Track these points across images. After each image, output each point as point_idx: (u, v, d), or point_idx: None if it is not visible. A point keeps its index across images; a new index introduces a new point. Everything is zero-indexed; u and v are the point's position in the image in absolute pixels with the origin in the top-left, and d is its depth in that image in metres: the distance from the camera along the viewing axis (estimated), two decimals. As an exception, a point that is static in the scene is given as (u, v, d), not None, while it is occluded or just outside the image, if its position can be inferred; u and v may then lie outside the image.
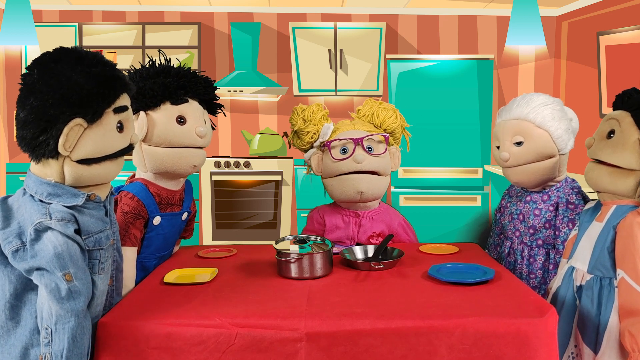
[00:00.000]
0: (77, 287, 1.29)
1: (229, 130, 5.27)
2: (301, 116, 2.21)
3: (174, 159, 1.86)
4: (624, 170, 1.55)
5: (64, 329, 1.26)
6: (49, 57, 1.33)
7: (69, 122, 1.30)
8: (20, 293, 1.35)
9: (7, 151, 5.08)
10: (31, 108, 1.29)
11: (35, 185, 1.35)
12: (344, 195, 2.13)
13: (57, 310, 1.26)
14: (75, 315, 1.28)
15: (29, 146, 1.32)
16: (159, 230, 1.88)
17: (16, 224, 1.32)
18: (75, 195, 1.36)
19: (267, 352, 1.36)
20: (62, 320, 1.26)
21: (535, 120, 1.91)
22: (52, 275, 1.27)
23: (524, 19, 4.10)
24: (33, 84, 1.30)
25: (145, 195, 1.84)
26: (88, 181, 1.39)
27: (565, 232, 1.90)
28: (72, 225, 1.32)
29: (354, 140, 2.11)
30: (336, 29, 4.95)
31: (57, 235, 1.28)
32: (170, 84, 1.83)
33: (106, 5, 5.05)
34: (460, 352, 1.36)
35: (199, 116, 1.90)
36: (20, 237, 1.30)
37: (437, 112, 4.75)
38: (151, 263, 1.90)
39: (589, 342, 1.58)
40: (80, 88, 1.29)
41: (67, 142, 1.31)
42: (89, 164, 1.36)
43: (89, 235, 1.38)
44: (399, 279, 1.71)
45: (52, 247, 1.27)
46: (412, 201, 4.83)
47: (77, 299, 1.28)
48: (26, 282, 1.35)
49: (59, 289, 1.26)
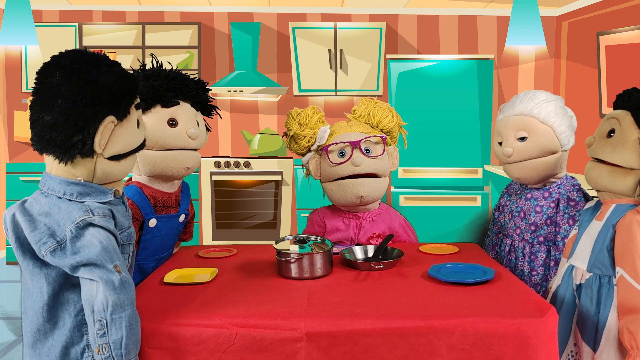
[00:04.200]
0: (126, 277, 1.33)
1: (229, 130, 5.27)
2: (297, 120, 2.20)
3: (166, 162, 1.86)
4: (623, 169, 1.55)
5: (120, 318, 1.29)
6: (68, 59, 1.35)
7: (103, 121, 1.33)
8: (58, 293, 1.38)
9: (7, 151, 5.08)
10: (60, 110, 1.30)
11: (62, 186, 1.37)
12: (344, 199, 2.13)
13: (114, 300, 1.29)
14: (131, 302, 1.32)
15: (61, 147, 1.33)
16: (156, 233, 1.88)
17: (43, 226, 1.33)
18: (103, 192, 1.40)
19: (267, 352, 1.36)
20: (119, 309, 1.29)
21: (539, 115, 1.92)
22: (104, 268, 1.30)
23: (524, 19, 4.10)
24: (59, 86, 1.31)
25: (140, 198, 1.84)
26: (114, 177, 1.44)
27: (566, 229, 1.90)
28: (111, 220, 1.38)
29: (352, 143, 2.10)
30: (336, 29, 4.95)
31: (100, 230, 1.33)
32: (159, 87, 1.84)
33: (106, 5, 5.05)
34: (460, 352, 1.36)
35: (191, 118, 1.90)
36: (54, 237, 1.31)
37: (437, 112, 4.76)
38: (149, 265, 1.90)
39: (588, 340, 1.59)
40: (109, 87, 1.34)
41: (102, 140, 1.35)
42: (118, 160, 1.42)
43: (123, 230, 1.43)
44: (399, 279, 1.71)
45: (97, 241, 1.31)
46: (412, 201, 4.83)
47: (129, 288, 1.33)
48: (62, 282, 1.37)
49: (113, 281, 1.30)
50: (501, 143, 2.01)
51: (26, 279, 1.39)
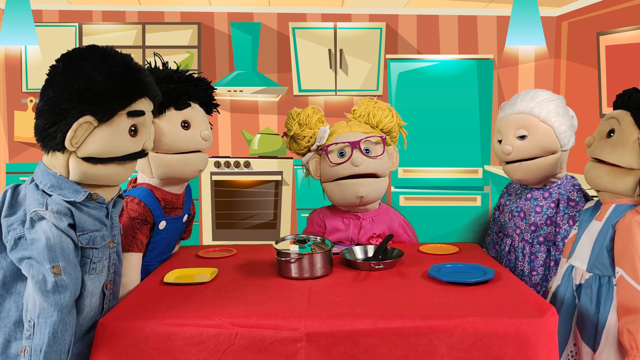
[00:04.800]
0: (64, 281, 1.27)
1: (229, 130, 5.27)
2: (297, 120, 2.20)
3: (181, 165, 1.85)
4: (623, 169, 1.55)
5: (45, 323, 1.24)
6: (76, 52, 1.36)
7: (79, 118, 1.32)
8: (9, 282, 1.35)
9: (7, 151, 5.08)
10: (47, 99, 1.32)
11: (42, 175, 1.37)
12: (344, 200, 2.13)
13: (41, 302, 1.25)
14: (59, 309, 1.26)
15: (40, 136, 1.35)
16: (164, 235, 1.88)
17: (22, 211, 1.33)
18: (76, 191, 1.37)
19: (267, 352, 1.36)
20: (45, 313, 1.25)
21: (540, 114, 1.91)
22: (41, 266, 1.26)
23: (524, 19, 4.10)
24: (55, 76, 1.33)
25: (152, 201, 1.83)
26: (93, 180, 1.40)
27: (565, 229, 1.90)
28: (66, 219, 1.32)
29: (351, 143, 2.10)
30: (336, 29, 4.95)
31: (51, 227, 1.29)
32: (174, 90, 1.81)
33: (106, 5, 5.05)
34: (460, 352, 1.36)
35: (203, 119, 1.90)
36: (24, 225, 1.31)
37: (437, 112, 4.75)
38: (155, 267, 1.90)
39: (587, 341, 1.59)
40: (95, 86, 1.31)
41: (75, 138, 1.33)
42: (94, 163, 1.37)
43: (84, 232, 1.37)
44: (399, 279, 1.71)
45: (44, 237, 1.27)
46: (412, 201, 4.83)
47: (63, 294, 1.27)
48: (17, 271, 1.34)
49: (45, 281, 1.26)
50: (501, 141, 2.01)
51: None
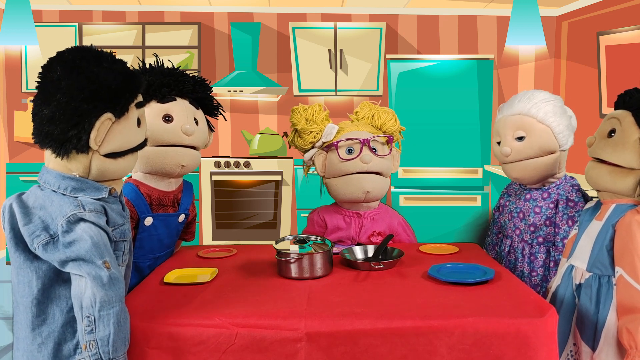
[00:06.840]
0: (115, 274, 1.32)
1: (229, 130, 5.27)
2: (303, 116, 2.21)
3: (159, 157, 1.86)
4: (624, 169, 1.55)
5: (108, 315, 1.28)
6: (70, 55, 1.36)
7: (100, 117, 1.34)
8: (48, 289, 1.37)
9: (7, 151, 5.08)
10: (58, 104, 1.31)
11: (57, 180, 1.37)
12: (349, 194, 2.13)
13: (101, 296, 1.28)
14: (119, 300, 1.31)
15: (57, 141, 1.34)
16: (152, 231, 1.88)
17: (37, 218, 1.33)
18: (98, 189, 1.40)
19: (267, 352, 1.36)
20: (107, 306, 1.29)
21: (537, 115, 1.92)
22: (92, 264, 1.30)
23: (524, 19, 4.10)
24: (58, 81, 1.32)
25: (135, 196, 1.84)
26: (111, 175, 1.43)
27: (565, 230, 1.90)
28: (103, 217, 1.37)
29: (362, 140, 2.11)
30: (336, 29, 4.95)
31: (91, 226, 1.32)
32: (152, 82, 1.85)
33: (106, 5, 5.05)
34: (460, 352, 1.36)
35: (187, 114, 1.90)
36: (47, 231, 1.32)
37: (437, 112, 4.76)
38: (145, 264, 1.89)
39: (587, 340, 1.59)
40: (108, 84, 1.34)
41: (98, 137, 1.35)
42: (114, 157, 1.41)
43: (116, 227, 1.43)
44: (399, 279, 1.71)
45: (88, 237, 1.30)
46: (412, 201, 4.83)
47: (118, 285, 1.32)
48: (53, 277, 1.37)
49: (101, 277, 1.29)
50: (500, 143, 2.01)
51: (16, 273, 1.38)
